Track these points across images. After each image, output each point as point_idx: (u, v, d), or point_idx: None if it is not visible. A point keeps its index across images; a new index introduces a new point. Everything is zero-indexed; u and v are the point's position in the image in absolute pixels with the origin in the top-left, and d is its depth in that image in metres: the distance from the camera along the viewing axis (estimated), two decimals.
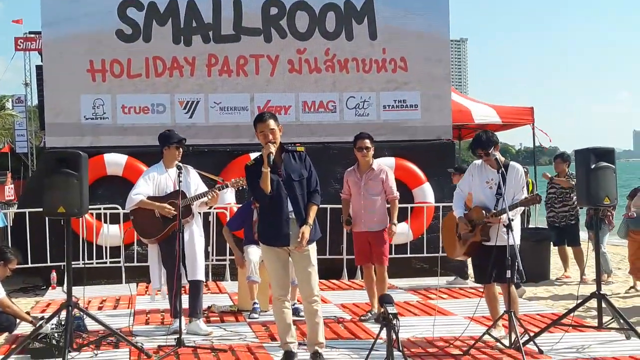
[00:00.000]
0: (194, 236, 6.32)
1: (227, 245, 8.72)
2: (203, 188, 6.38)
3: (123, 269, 9.01)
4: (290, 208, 5.13)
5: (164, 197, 6.23)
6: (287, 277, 5.32)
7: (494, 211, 5.62)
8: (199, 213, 6.51)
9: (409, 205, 9.52)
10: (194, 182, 6.37)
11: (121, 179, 9.12)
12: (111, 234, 9.05)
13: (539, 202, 5.76)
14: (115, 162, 9.21)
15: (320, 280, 6.16)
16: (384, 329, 4.60)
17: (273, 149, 5.16)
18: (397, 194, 6.85)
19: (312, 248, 5.22)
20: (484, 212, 5.69)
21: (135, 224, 6.37)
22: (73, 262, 5.76)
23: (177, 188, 6.01)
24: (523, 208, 5.90)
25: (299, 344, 5.33)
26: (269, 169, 5.11)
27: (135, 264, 9.00)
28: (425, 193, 9.60)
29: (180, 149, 6.33)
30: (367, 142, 6.69)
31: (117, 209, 9.00)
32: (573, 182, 9.07)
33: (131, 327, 6.35)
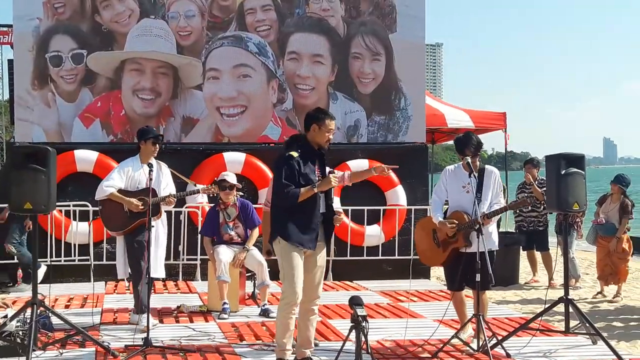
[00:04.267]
0: (159, 234, 6.38)
1: (199, 245, 8.69)
2: (172, 188, 6.42)
3: (92, 267, 8.89)
4: (322, 210, 5.07)
5: (135, 193, 6.26)
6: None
7: (489, 212, 5.59)
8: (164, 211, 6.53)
9: (381, 208, 9.54)
10: (165, 181, 6.39)
11: (92, 175, 9.00)
12: (80, 231, 8.93)
13: (529, 204, 5.77)
14: (85, 159, 9.09)
15: None
16: (354, 331, 4.59)
17: (335, 182, 5.03)
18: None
19: (322, 254, 5.17)
20: (466, 216, 5.65)
21: (102, 215, 6.42)
22: (40, 259, 5.68)
23: (152, 186, 6.02)
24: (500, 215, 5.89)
25: (269, 345, 5.28)
26: (317, 191, 4.98)
27: (104, 262, 8.89)
28: (398, 195, 9.64)
29: (157, 144, 6.32)
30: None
31: (87, 206, 8.88)
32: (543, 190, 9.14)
33: (98, 326, 6.27)
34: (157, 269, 6.34)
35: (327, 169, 5.19)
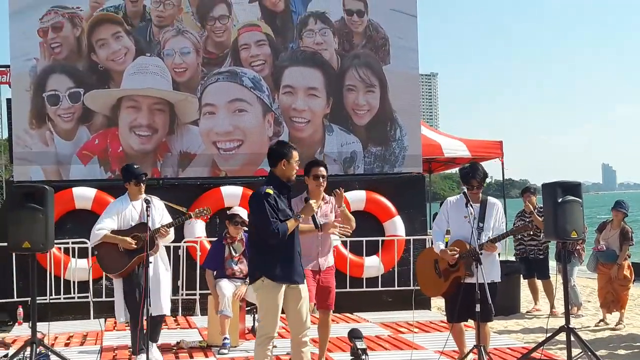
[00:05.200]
0: (159, 270, 6.30)
1: (198, 280, 8.66)
2: (168, 219, 6.37)
3: (91, 304, 8.86)
4: (299, 245, 5.16)
5: (128, 231, 6.23)
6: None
7: (492, 237, 5.60)
8: (164, 246, 6.49)
9: (380, 239, 9.54)
10: (159, 214, 6.36)
11: (90, 212, 9.01)
12: (79, 268, 8.90)
13: (531, 230, 5.73)
14: (84, 196, 9.11)
15: None
16: None
17: (316, 207, 5.20)
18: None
19: (304, 286, 5.22)
20: (467, 245, 5.63)
21: (99, 259, 6.36)
22: (40, 297, 5.67)
23: (144, 220, 6.02)
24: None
25: None
26: (302, 219, 5.13)
27: (104, 299, 8.85)
28: (396, 226, 9.64)
29: (140, 184, 6.31)
30: (323, 170, 5.88)
31: (86, 243, 8.85)
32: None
33: None
34: (158, 306, 6.21)
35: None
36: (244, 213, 7.19)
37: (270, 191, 5.02)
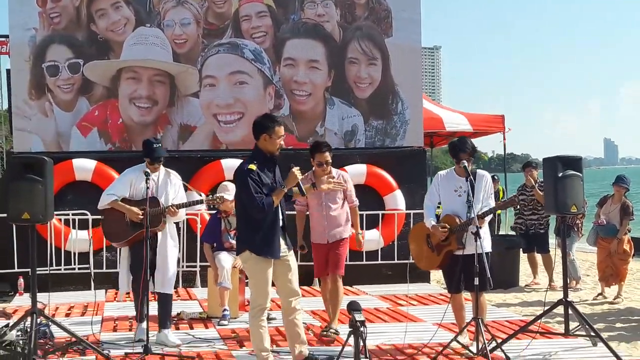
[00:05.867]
0: (167, 247, 6.15)
1: (198, 252, 8.70)
2: (182, 199, 6.24)
3: (92, 275, 8.90)
4: (281, 219, 5.14)
5: (139, 202, 6.07)
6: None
7: (480, 213, 5.62)
8: (174, 223, 6.35)
9: (380, 212, 9.55)
10: (174, 190, 6.20)
11: (90, 184, 9.02)
12: (80, 239, 8.93)
13: (517, 205, 5.79)
14: (84, 168, 9.10)
15: None
16: (352, 336, 4.59)
17: (300, 175, 5.11)
18: (357, 201, 6.53)
19: (292, 255, 5.26)
20: (457, 219, 5.70)
21: (104, 225, 6.26)
22: (40, 268, 5.68)
23: (152, 194, 5.94)
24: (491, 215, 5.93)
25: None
26: (287, 189, 5.08)
27: (104, 270, 8.90)
28: (397, 200, 9.64)
29: (156, 164, 6.14)
30: (327, 156, 6.13)
31: (86, 214, 8.89)
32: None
33: (98, 335, 6.27)
34: (166, 285, 6.10)
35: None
36: (233, 188, 7.17)
37: (253, 167, 4.98)
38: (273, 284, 5.21)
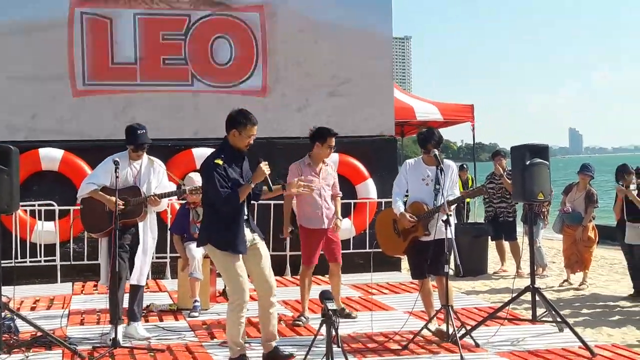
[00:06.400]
0: (147, 239, 6.02)
1: (168, 243, 8.62)
2: (165, 187, 6.08)
3: (58, 268, 8.78)
4: (245, 212, 5.06)
5: (121, 191, 5.81)
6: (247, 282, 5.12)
7: (448, 200, 5.67)
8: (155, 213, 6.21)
9: (352, 201, 9.56)
10: (157, 179, 6.04)
11: (57, 174, 8.87)
12: (46, 231, 8.78)
13: (485, 194, 5.85)
14: (50, 157, 8.94)
15: None
16: (324, 325, 4.59)
17: (267, 170, 5.00)
18: (341, 193, 6.75)
19: (261, 243, 5.18)
20: (425, 206, 5.78)
21: (82, 215, 6.03)
22: (5, 261, 5.58)
23: (135, 183, 5.82)
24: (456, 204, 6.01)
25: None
26: (253, 184, 4.99)
27: (72, 262, 8.77)
28: (368, 189, 9.66)
29: (139, 151, 5.96)
30: (334, 141, 6.47)
31: (53, 205, 8.74)
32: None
33: (65, 328, 6.18)
34: (141, 278, 5.96)
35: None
36: (199, 178, 7.09)
37: (220, 162, 4.90)
38: (249, 275, 5.15)
